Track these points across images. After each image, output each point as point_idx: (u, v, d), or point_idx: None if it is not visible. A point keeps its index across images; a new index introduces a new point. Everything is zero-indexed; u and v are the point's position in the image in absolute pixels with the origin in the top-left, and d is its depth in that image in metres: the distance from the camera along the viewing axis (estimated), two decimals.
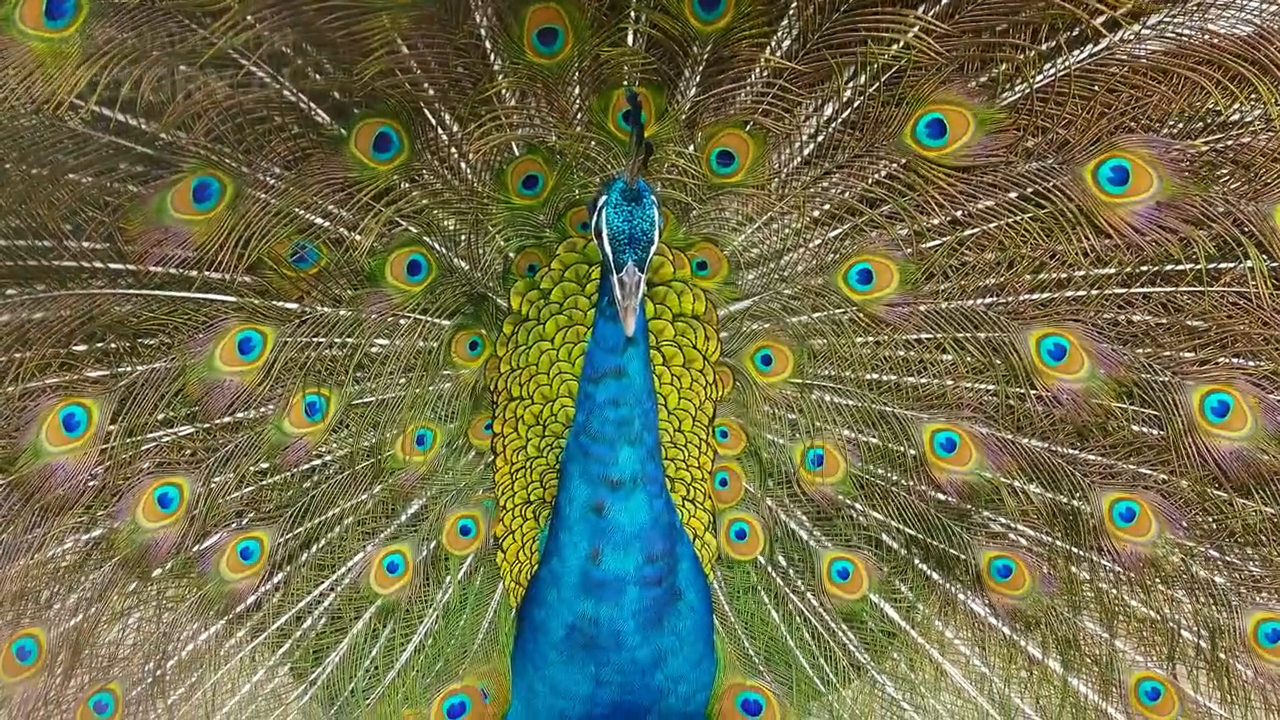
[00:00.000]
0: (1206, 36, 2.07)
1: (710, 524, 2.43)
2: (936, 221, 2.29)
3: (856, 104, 2.27)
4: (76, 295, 2.25)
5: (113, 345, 2.31)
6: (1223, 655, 2.33)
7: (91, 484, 2.34)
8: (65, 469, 2.30)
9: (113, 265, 2.26)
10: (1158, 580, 2.35)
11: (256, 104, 2.19)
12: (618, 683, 2.20)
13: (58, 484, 2.30)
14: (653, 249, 1.91)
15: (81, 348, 2.29)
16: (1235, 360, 2.21)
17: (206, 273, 2.30)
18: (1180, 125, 2.17)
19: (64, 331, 2.26)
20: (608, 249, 1.90)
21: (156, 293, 2.29)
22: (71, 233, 2.20)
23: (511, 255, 2.47)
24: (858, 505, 2.47)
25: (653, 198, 1.93)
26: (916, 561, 2.48)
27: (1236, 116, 2.13)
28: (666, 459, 2.36)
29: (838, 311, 2.37)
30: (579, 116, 2.35)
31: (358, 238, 2.35)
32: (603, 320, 2.06)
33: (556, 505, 2.22)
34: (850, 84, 2.26)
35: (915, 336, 2.36)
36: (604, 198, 1.92)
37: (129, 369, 2.32)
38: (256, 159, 2.24)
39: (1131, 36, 2.11)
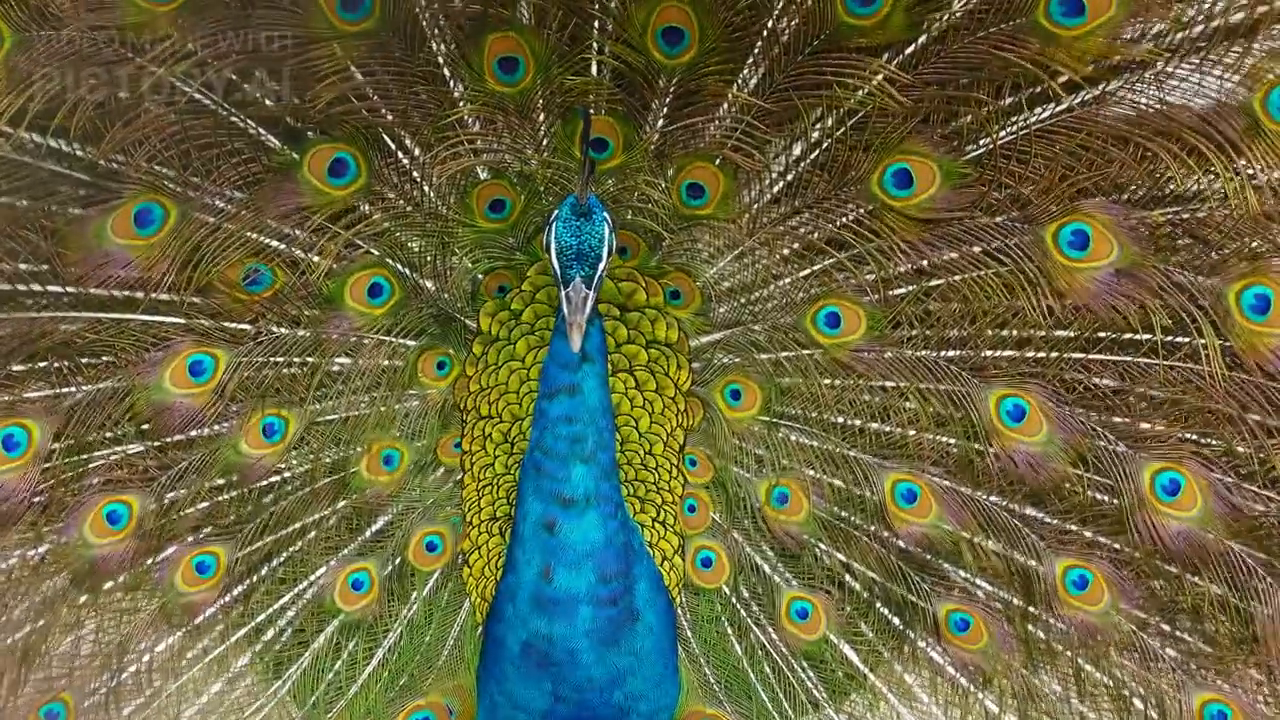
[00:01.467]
0: (1164, 107, 1.98)
1: (679, 547, 2.35)
2: (902, 269, 2.20)
3: (825, 145, 2.17)
4: (14, 318, 2.11)
5: (55, 365, 2.17)
6: None
7: (36, 500, 2.22)
8: (5, 487, 2.18)
9: (52, 288, 2.12)
10: (1110, 649, 2.28)
11: (202, 130, 2.04)
12: (575, 700, 2.12)
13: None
14: (601, 266, 1.82)
15: (20, 368, 2.16)
16: (1189, 436, 2.13)
17: (154, 294, 2.15)
18: (1141, 193, 2.07)
19: (1, 354, 2.13)
20: (556, 264, 1.82)
21: (100, 315, 2.15)
22: (5, 255, 2.05)
23: (480, 277, 2.35)
24: (822, 544, 2.39)
25: (604, 215, 1.84)
26: (878, 605, 2.40)
27: (1195, 189, 2.03)
28: (638, 480, 2.29)
29: (805, 352, 2.28)
30: (546, 143, 2.22)
31: (315, 259, 2.21)
32: (558, 337, 1.97)
33: (514, 520, 2.13)
34: (818, 125, 2.15)
35: (880, 383, 2.27)
36: (555, 213, 1.85)
37: (73, 389, 2.18)
38: (203, 183, 2.10)
39: (1091, 100, 2.02)
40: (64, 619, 2.32)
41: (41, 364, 2.15)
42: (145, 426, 2.22)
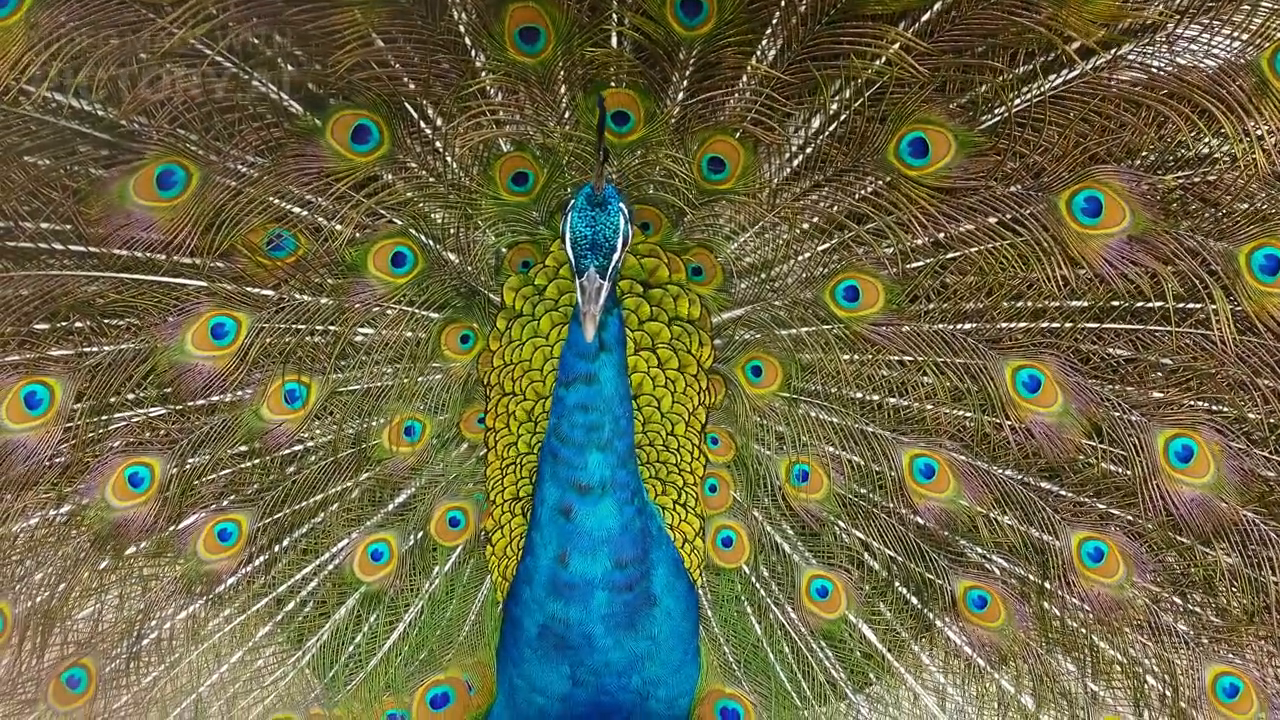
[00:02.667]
0: (1175, 69, 1.91)
1: (700, 529, 2.28)
2: (920, 242, 2.13)
3: (843, 118, 2.10)
4: (36, 276, 2.03)
5: (77, 325, 2.09)
6: (1185, 705, 2.20)
7: (58, 460, 2.14)
8: (27, 446, 2.10)
9: (74, 247, 2.04)
10: (1125, 624, 2.22)
11: (224, 93, 1.97)
12: (593, 683, 2.06)
13: (19, 461, 2.10)
14: (616, 256, 1.77)
15: (43, 326, 2.08)
16: (1201, 404, 2.06)
17: (176, 257, 2.08)
18: (1152, 158, 2.00)
19: (23, 311, 2.05)
20: (570, 254, 1.77)
21: (122, 275, 2.07)
22: (29, 214, 1.98)
23: (504, 250, 2.27)
24: (841, 522, 2.32)
25: (620, 205, 1.79)
26: (897, 584, 2.33)
27: (1205, 151, 1.97)
28: (659, 461, 2.22)
29: (825, 327, 2.21)
30: (568, 115, 2.14)
31: (337, 227, 2.13)
32: (575, 325, 1.91)
33: (533, 503, 2.07)
34: (836, 97, 2.08)
35: (898, 357, 2.20)
36: (570, 202, 1.80)
37: (95, 349, 2.11)
38: (225, 147, 2.02)
39: (1104, 65, 1.95)
40: (86, 584, 2.25)
41: (63, 323, 2.08)
42: (167, 390, 2.15)
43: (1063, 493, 2.18)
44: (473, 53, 2.05)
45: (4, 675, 2.22)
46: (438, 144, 2.13)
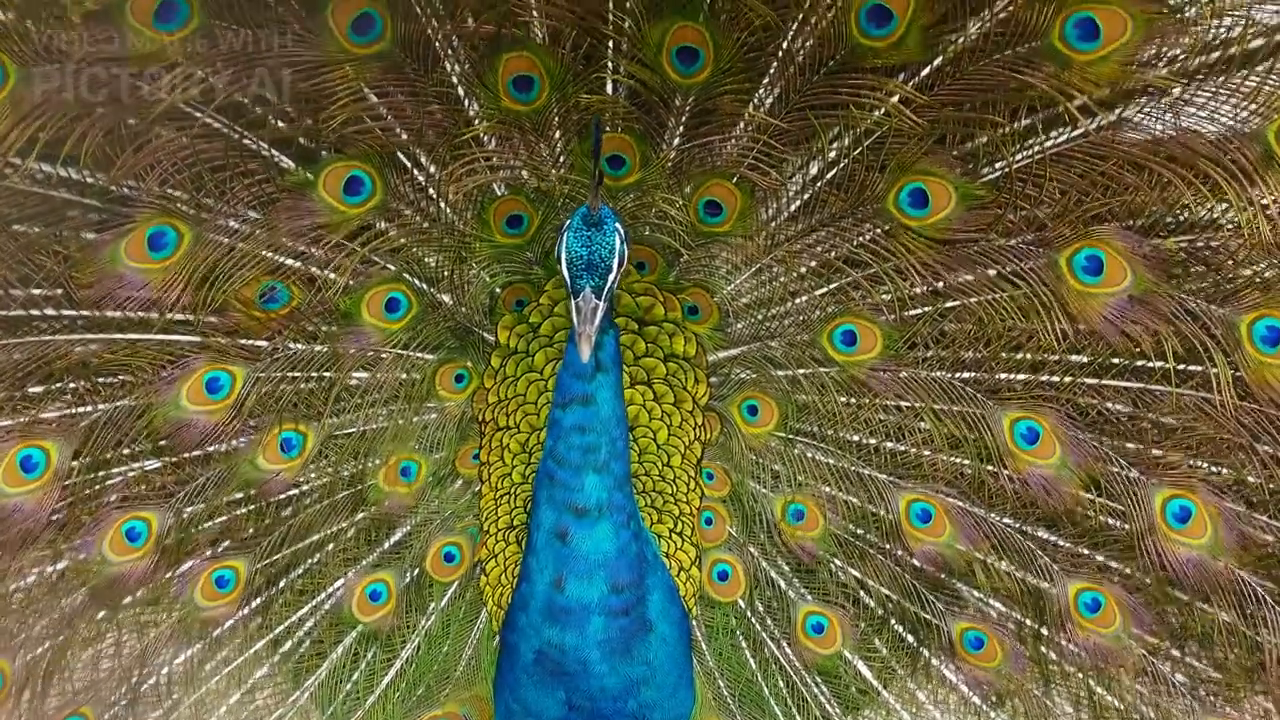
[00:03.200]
0: (1178, 133, 1.90)
1: (696, 559, 2.28)
2: (919, 290, 2.12)
3: (841, 164, 2.08)
4: (29, 342, 2.03)
5: (71, 386, 2.09)
6: None
7: (54, 519, 2.13)
8: (24, 509, 2.09)
9: (66, 311, 2.03)
10: (1121, 673, 2.23)
11: (214, 153, 1.95)
12: (589, 709, 2.06)
13: (17, 524, 2.10)
14: (612, 276, 1.77)
15: (37, 389, 2.07)
16: (1200, 464, 2.06)
17: (169, 315, 2.07)
18: (1155, 220, 1.99)
19: (16, 376, 2.04)
20: (566, 274, 1.76)
21: (115, 336, 2.06)
22: (19, 281, 1.96)
23: (498, 290, 2.27)
24: (837, 561, 2.33)
25: (616, 226, 1.78)
26: (892, 622, 2.34)
27: (1209, 216, 1.96)
28: (655, 491, 2.22)
29: (822, 370, 2.21)
30: (562, 160, 2.13)
31: (331, 277, 2.13)
32: (572, 347, 1.90)
33: (528, 529, 2.07)
34: (834, 144, 2.07)
35: (895, 402, 2.19)
36: (567, 223, 1.79)
37: (89, 409, 2.10)
38: (216, 205, 2.01)
39: (1107, 125, 1.94)
40: (83, 634, 2.25)
41: (58, 385, 2.07)
42: (162, 444, 2.15)
43: (1060, 542, 2.19)
44: (466, 102, 2.04)
45: None
46: (431, 190, 2.12)
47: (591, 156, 1.75)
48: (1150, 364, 2.03)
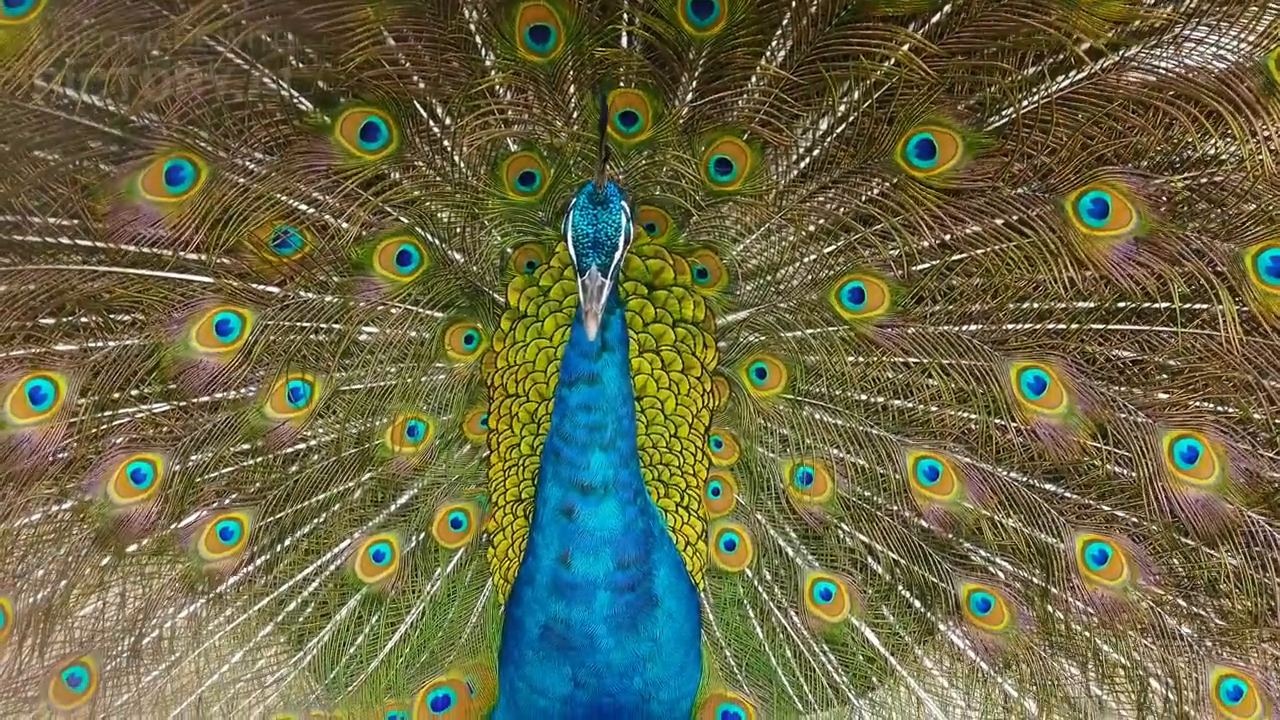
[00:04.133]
0: (1183, 71, 1.93)
1: (703, 533, 2.29)
2: (926, 244, 2.15)
3: (851, 119, 2.11)
4: (43, 270, 2.04)
5: (82, 320, 2.10)
6: (1188, 709, 2.22)
7: (61, 456, 2.14)
8: (31, 441, 2.10)
9: (81, 242, 2.05)
10: (1128, 627, 2.23)
11: (233, 90, 1.98)
12: (595, 685, 2.07)
13: (23, 456, 2.10)
14: (618, 254, 1.78)
15: (49, 321, 2.08)
16: (1206, 405, 2.08)
17: (182, 253, 2.09)
18: (1159, 159, 2.02)
19: (30, 305, 2.05)
20: (572, 252, 1.78)
21: (129, 270, 2.08)
22: (37, 208, 1.99)
23: (509, 251, 2.28)
24: (844, 525, 2.34)
25: (622, 204, 1.80)
26: (900, 587, 2.34)
27: (1212, 152, 1.99)
28: (662, 464, 2.23)
29: (830, 329, 2.23)
30: (576, 115, 2.16)
31: (344, 225, 2.15)
32: (578, 324, 1.92)
33: (535, 504, 2.07)
34: (845, 99, 2.10)
35: (903, 359, 2.21)
36: (572, 200, 1.81)
37: (99, 344, 2.11)
38: (234, 144, 2.03)
39: (1112, 66, 1.97)
40: (87, 581, 2.25)
41: (69, 318, 2.09)
42: (171, 386, 2.16)
43: (1067, 495, 2.20)
44: (483, 51, 2.07)
45: (5, 673, 2.22)
46: (446, 143, 2.15)
47: (598, 131, 1.78)
48: (1156, 305, 2.06)
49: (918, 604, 2.33)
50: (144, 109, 1.95)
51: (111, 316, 2.10)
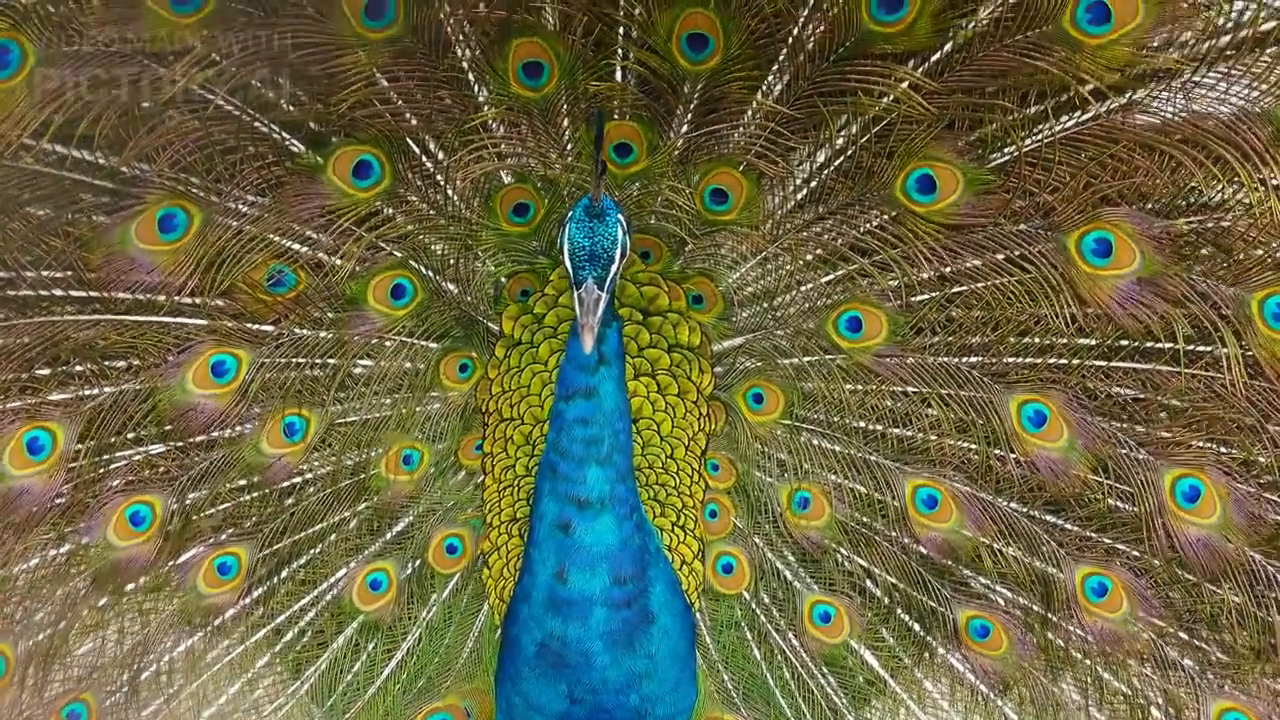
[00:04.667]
0: (1189, 115, 1.93)
1: (699, 552, 2.29)
2: (925, 276, 2.15)
3: (849, 152, 2.11)
4: (38, 323, 2.05)
5: (77, 368, 2.11)
6: None
7: (59, 502, 2.16)
8: (31, 492, 2.12)
9: (75, 293, 2.06)
10: (1128, 656, 2.24)
11: (225, 135, 1.98)
12: (591, 702, 2.07)
13: (24, 506, 2.12)
14: (614, 267, 1.78)
15: (44, 371, 2.10)
16: (1209, 445, 2.08)
17: (177, 297, 2.10)
18: (1165, 202, 2.02)
19: (25, 357, 2.07)
20: (569, 265, 1.78)
21: (123, 318, 2.09)
22: (30, 263, 1.99)
23: (503, 280, 2.29)
24: (843, 550, 2.35)
25: (618, 217, 1.80)
26: (899, 611, 2.36)
27: (1219, 198, 1.98)
28: (658, 484, 2.24)
29: (828, 356, 2.23)
30: (569, 148, 2.16)
31: (338, 262, 2.15)
32: (574, 339, 1.92)
33: (530, 521, 2.08)
34: (842, 132, 2.10)
35: (901, 388, 2.22)
36: (569, 214, 1.81)
37: (95, 392, 2.12)
38: (227, 188, 2.04)
39: (1118, 108, 1.96)
40: (86, 620, 2.27)
41: (64, 368, 2.10)
42: (168, 428, 2.17)
43: (1067, 526, 2.20)
44: (475, 88, 2.07)
45: (6, 713, 2.25)
46: (439, 177, 2.15)
47: (594, 146, 1.77)
48: (1159, 345, 2.05)
49: (917, 628, 2.35)
50: (135, 159, 1.95)
51: (106, 363, 2.11)
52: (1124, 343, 2.08)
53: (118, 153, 1.93)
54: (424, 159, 2.14)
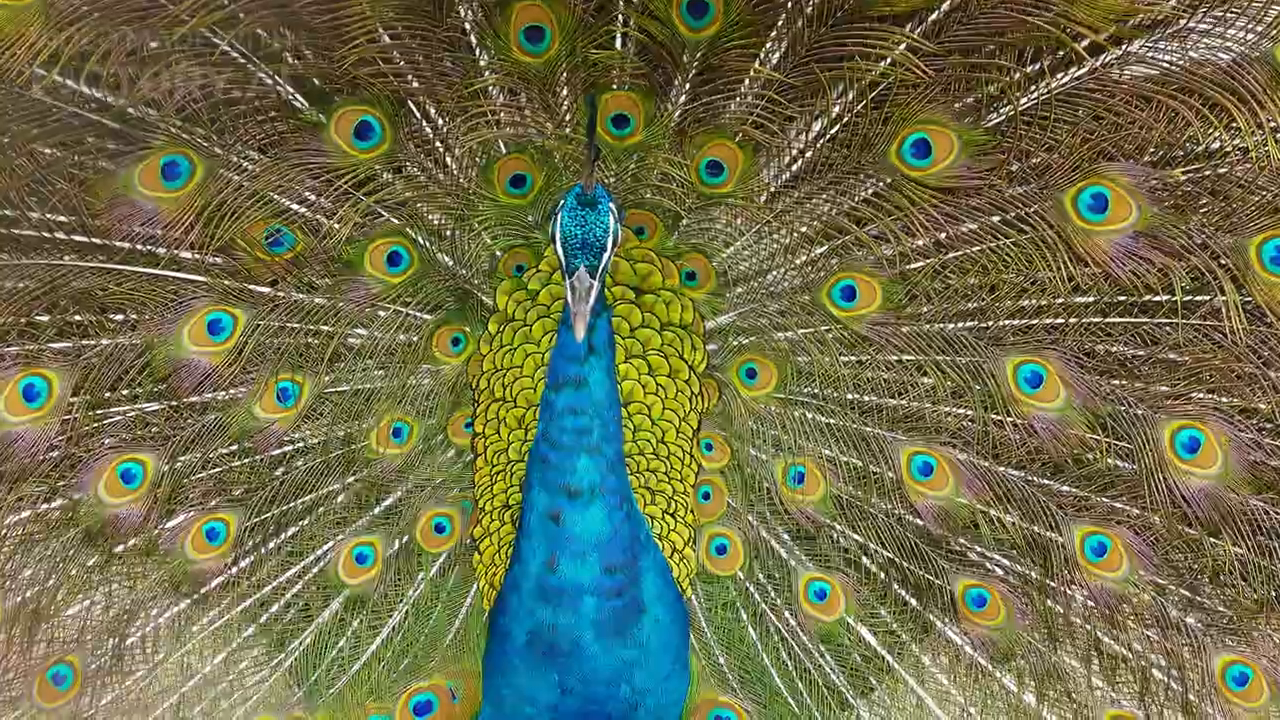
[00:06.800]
0: (1187, 64, 1.94)
1: (690, 539, 2.29)
2: (921, 243, 2.16)
3: (845, 121, 2.14)
4: (40, 265, 2.10)
5: (76, 318, 2.16)
6: (1193, 697, 2.19)
7: (52, 454, 2.19)
8: (25, 439, 2.15)
9: (78, 238, 2.11)
10: (1129, 618, 2.22)
11: (230, 85, 2.04)
12: (582, 692, 2.07)
13: (18, 454, 2.16)
14: (606, 256, 1.81)
15: (44, 318, 2.14)
16: (1208, 395, 2.07)
17: (176, 251, 2.15)
18: (1161, 154, 2.03)
19: (25, 301, 2.11)
20: (560, 253, 1.81)
21: (123, 268, 2.14)
22: (35, 203, 2.04)
23: (499, 254, 2.33)
24: (838, 525, 2.34)
25: (610, 205, 1.83)
26: (895, 586, 2.35)
27: (1215, 145, 1.99)
28: (649, 470, 2.25)
29: (823, 329, 2.25)
30: (568, 118, 2.21)
31: (335, 225, 2.20)
32: (565, 328, 1.95)
33: (521, 510, 2.10)
34: (839, 100, 2.13)
35: (897, 358, 2.23)
36: (561, 202, 1.84)
37: (92, 343, 2.17)
38: (229, 140, 2.09)
39: (1114, 61, 1.98)
40: (74, 580, 2.29)
41: (62, 315, 2.14)
42: (162, 386, 2.21)
43: (1065, 488, 2.19)
44: (477, 51, 2.13)
45: None
46: (438, 144, 2.20)
47: (586, 132, 1.81)
48: (1157, 298, 2.05)
49: (914, 602, 2.33)
50: (142, 101, 2.01)
51: (105, 315, 2.16)
52: (1121, 299, 2.09)
53: (125, 94, 1.99)
54: (424, 124, 2.19)
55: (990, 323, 2.15)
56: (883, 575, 2.34)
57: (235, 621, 2.38)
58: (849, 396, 2.26)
